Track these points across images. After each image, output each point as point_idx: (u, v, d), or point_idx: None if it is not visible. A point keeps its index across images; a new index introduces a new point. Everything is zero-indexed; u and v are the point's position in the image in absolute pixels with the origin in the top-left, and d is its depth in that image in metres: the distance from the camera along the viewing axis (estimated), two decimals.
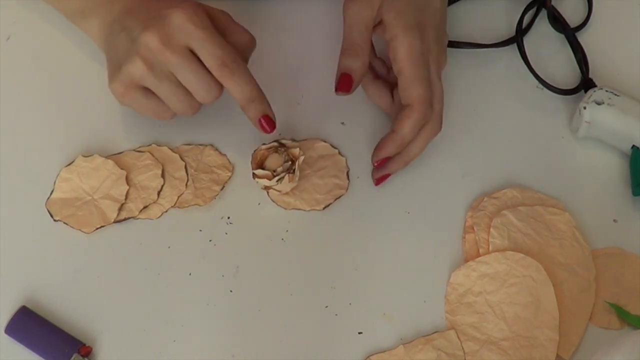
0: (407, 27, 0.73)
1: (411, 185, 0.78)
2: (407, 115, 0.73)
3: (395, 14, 0.73)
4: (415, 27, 0.73)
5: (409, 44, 0.73)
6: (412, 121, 0.73)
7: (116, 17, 0.74)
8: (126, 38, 0.72)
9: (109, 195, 0.76)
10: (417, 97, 0.73)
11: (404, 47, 0.73)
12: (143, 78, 0.71)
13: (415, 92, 0.73)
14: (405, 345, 0.71)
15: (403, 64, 0.73)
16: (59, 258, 0.74)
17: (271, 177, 0.74)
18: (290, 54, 0.82)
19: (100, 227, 0.75)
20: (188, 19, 0.70)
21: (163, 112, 0.74)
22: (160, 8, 0.71)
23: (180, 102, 0.72)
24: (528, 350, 0.71)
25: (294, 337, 0.72)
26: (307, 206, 0.76)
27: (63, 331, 0.70)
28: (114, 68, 0.73)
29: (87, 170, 0.76)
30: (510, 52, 0.84)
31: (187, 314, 0.72)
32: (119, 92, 0.72)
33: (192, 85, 0.71)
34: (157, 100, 0.73)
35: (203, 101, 0.72)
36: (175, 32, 0.70)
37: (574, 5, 0.88)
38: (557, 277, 0.74)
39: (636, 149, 0.78)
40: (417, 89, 0.73)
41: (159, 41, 0.69)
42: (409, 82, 0.73)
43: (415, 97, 0.73)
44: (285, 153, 0.75)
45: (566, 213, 0.77)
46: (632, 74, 0.84)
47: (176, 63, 0.70)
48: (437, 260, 0.75)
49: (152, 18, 0.71)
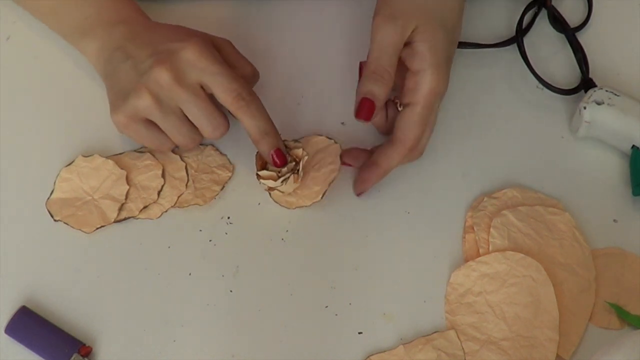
0: (438, 66, 0.72)
1: (411, 185, 0.78)
2: (397, 152, 0.74)
3: (429, 47, 0.71)
4: (444, 66, 0.72)
5: (435, 85, 0.72)
6: (399, 157, 0.74)
7: (119, 43, 0.73)
8: (132, 68, 0.71)
9: (109, 195, 0.76)
10: (413, 138, 0.73)
11: (428, 87, 0.72)
12: (149, 112, 0.70)
13: (413, 133, 0.73)
14: (405, 345, 0.71)
15: (418, 102, 0.72)
16: (59, 258, 0.74)
17: (276, 178, 0.74)
18: (290, 54, 0.82)
19: (101, 227, 0.75)
20: (200, 54, 0.69)
21: (163, 144, 0.74)
22: (167, 38, 0.71)
23: (184, 136, 0.72)
24: (528, 350, 0.71)
25: (294, 337, 0.72)
26: (308, 201, 0.76)
27: (63, 331, 0.70)
28: (117, 98, 0.72)
29: (87, 171, 0.76)
30: (510, 52, 0.84)
31: (187, 314, 0.72)
32: (121, 123, 0.72)
33: (199, 121, 0.71)
34: (159, 132, 0.72)
35: (209, 137, 0.72)
36: (187, 68, 0.69)
37: (574, 5, 0.88)
38: (557, 277, 0.74)
39: (636, 149, 0.78)
40: (416, 130, 0.73)
41: (171, 77, 0.69)
42: (414, 121, 0.72)
43: (411, 137, 0.73)
44: (288, 154, 0.75)
45: (566, 213, 0.77)
46: (632, 74, 0.84)
47: (186, 99, 0.70)
48: (437, 260, 0.75)
49: (162, 52, 0.70)
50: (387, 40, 0.71)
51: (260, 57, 0.81)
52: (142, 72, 0.70)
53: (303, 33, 0.84)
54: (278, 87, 0.80)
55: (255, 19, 0.84)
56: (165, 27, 0.76)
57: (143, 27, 0.74)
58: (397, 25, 0.71)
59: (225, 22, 0.84)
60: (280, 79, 0.82)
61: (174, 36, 0.72)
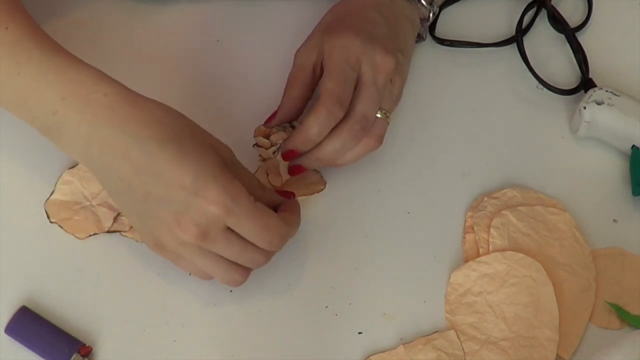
0: (333, 31, 0.73)
1: (411, 185, 0.78)
2: (314, 110, 0.71)
3: (328, 38, 0.73)
4: (343, 30, 0.73)
5: (333, 42, 0.72)
6: (316, 116, 0.70)
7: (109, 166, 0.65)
8: (155, 212, 0.64)
9: (107, 203, 0.75)
10: (326, 91, 0.71)
11: (328, 45, 0.73)
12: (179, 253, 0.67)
13: (324, 85, 0.71)
14: (405, 345, 0.71)
15: (325, 63, 0.72)
16: (59, 258, 0.74)
17: (269, 146, 0.73)
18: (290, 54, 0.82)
19: (94, 234, 0.74)
20: (227, 211, 0.63)
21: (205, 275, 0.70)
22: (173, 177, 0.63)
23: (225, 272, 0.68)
24: (528, 350, 0.71)
25: (294, 337, 0.72)
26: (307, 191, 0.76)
27: (63, 331, 0.70)
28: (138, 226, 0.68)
29: (89, 175, 0.76)
30: (510, 52, 0.85)
31: (187, 314, 0.72)
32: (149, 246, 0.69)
33: (241, 257, 0.67)
34: None
35: (254, 266, 0.69)
36: (213, 226, 0.64)
37: (574, 5, 0.88)
38: (557, 277, 0.74)
39: (636, 149, 0.78)
40: (328, 82, 0.71)
41: (198, 237, 0.64)
42: (324, 75, 0.72)
43: (323, 89, 0.71)
44: (290, 129, 0.74)
45: (566, 213, 0.77)
46: (632, 74, 0.84)
47: (220, 248, 0.66)
48: (437, 260, 0.75)
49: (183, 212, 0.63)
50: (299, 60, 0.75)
51: (260, 57, 0.81)
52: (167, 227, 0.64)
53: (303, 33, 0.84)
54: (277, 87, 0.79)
55: (255, 19, 0.84)
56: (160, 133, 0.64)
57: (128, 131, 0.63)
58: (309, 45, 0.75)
59: (225, 22, 0.84)
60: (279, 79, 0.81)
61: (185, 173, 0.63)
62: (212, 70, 0.81)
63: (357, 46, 0.72)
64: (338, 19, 0.76)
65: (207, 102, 0.80)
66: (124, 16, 0.83)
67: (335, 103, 0.70)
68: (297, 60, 0.75)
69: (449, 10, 0.85)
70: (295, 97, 0.74)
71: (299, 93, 0.74)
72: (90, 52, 0.80)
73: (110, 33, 0.82)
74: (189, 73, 0.81)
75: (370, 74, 0.72)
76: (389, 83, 0.74)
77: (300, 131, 0.71)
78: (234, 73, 0.82)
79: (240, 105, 0.80)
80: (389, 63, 0.73)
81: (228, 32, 0.84)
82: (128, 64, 0.80)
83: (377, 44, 0.73)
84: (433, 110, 0.79)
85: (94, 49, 0.78)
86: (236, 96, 0.81)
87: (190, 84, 0.81)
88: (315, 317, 0.73)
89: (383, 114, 0.74)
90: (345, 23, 0.75)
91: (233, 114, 0.79)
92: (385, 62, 0.73)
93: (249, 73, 0.82)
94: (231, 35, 0.83)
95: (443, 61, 0.83)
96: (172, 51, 0.82)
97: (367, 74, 0.72)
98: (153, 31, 0.83)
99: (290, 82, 0.75)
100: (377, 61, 0.73)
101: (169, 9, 0.84)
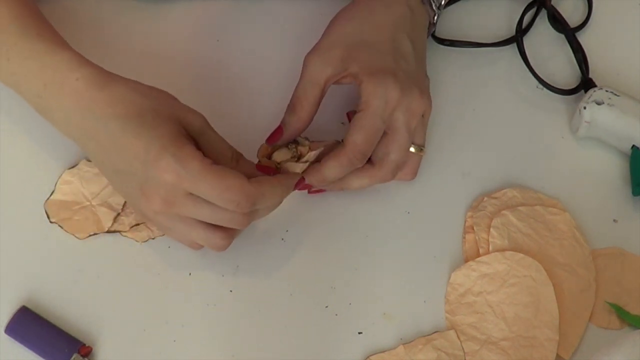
0: (371, 74, 0.71)
1: (411, 185, 0.78)
2: (335, 156, 0.71)
3: (359, 64, 0.71)
4: (381, 72, 0.71)
5: (371, 89, 0.70)
6: (338, 163, 0.71)
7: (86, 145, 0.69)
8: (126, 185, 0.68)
9: (107, 203, 0.75)
10: (353, 143, 0.70)
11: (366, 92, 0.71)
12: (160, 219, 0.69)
13: (352, 135, 0.71)
14: (405, 345, 0.71)
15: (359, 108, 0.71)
16: (59, 258, 0.74)
17: (273, 166, 0.73)
18: (290, 54, 0.82)
19: (94, 234, 0.75)
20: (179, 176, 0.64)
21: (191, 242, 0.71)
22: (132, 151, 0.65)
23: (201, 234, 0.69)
24: (528, 350, 0.71)
25: (294, 337, 0.72)
26: None
27: (63, 331, 0.70)
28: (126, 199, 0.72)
29: (89, 175, 0.76)
30: (510, 52, 0.85)
31: (187, 314, 0.72)
32: None
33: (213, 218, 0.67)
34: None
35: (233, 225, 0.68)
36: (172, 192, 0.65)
37: (574, 5, 0.88)
38: (557, 277, 0.74)
39: (636, 149, 0.78)
40: (356, 134, 0.71)
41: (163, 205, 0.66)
42: (352, 126, 0.71)
43: (350, 140, 0.71)
44: (295, 148, 0.74)
45: (566, 213, 0.77)
46: (632, 74, 0.84)
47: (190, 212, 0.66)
48: (437, 260, 0.75)
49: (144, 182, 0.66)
50: (311, 73, 0.72)
51: (259, 57, 0.81)
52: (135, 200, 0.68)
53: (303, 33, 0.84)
54: (277, 87, 0.79)
55: (255, 19, 0.84)
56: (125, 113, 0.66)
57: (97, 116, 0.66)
58: (324, 57, 0.72)
59: (225, 22, 0.84)
60: (279, 79, 0.82)
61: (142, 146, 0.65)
62: (212, 70, 0.81)
63: (396, 96, 0.71)
64: (365, 43, 0.73)
65: (206, 101, 0.80)
66: (124, 16, 0.83)
67: (358, 156, 0.71)
68: (309, 72, 0.72)
69: (449, 10, 0.85)
70: (302, 117, 0.72)
71: (307, 112, 0.72)
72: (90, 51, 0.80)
73: (110, 32, 0.82)
74: (189, 73, 0.81)
75: (403, 119, 0.72)
76: (420, 119, 0.73)
77: (319, 170, 0.72)
78: (234, 73, 0.82)
79: (240, 105, 0.80)
80: (424, 106, 0.73)
81: (228, 32, 0.84)
82: (128, 63, 0.80)
83: (414, 87, 0.72)
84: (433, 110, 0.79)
85: (94, 49, 0.78)
86: (236, 96, 0.81)
87: (190, 84, 0.81)
88: (315, 317, 0.73)
89: (417, 149, 0.74)
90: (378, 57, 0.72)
91: (233, 114, 0.79)
92: (420, 106, 0.72)
93: (249, 73, 0.82)
94: (231, 35, 0.83)
95: (443, 61, 0.83)
96: (172, 51, 0.82)
97: (399, 120, 0.71)
98: (153, 31, 0.83)
99: (299, 100, 0.72)
100: (412, 107, 0.72)
101: (169, 8, 0.84)
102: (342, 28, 0.74)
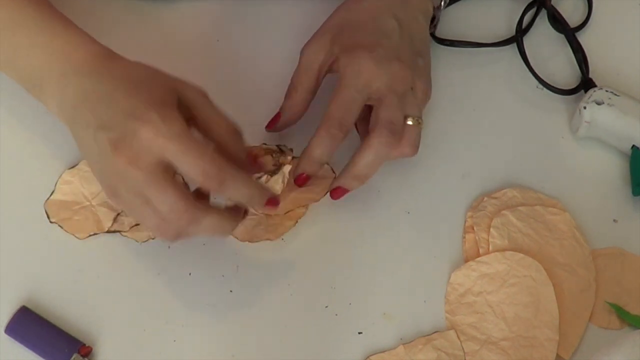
0: (346, 50, 0.73)
1: (411, 185, 0.78)
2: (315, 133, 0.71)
3: (340, 46, 0.73)
4: (357, 48, 0.72)
5: (345, 63, 0.72)
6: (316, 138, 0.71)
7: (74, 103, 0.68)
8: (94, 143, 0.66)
9: (107, 203, 0.75)
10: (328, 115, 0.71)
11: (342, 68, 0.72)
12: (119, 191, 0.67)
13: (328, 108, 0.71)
14: (405, 345, 0.71)
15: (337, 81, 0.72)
16: (59, 258, 0.74)
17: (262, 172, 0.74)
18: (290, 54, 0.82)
19: (94, 234, 0.75)
20: (157, 132, 0.63)
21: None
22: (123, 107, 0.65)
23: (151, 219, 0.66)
24: (528, 350, 0.71)
25: (294, 337, 0.72)
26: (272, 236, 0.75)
27: (63, 331, 0.70)
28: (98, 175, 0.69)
29: (89, 175, 0.76)
30: (510, 52, 0.85)
31: (187, 314, 0.72)
32: None
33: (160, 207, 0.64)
34: None
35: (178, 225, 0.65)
36: (144, 151, 0.63)
37: (574, 5, 0.88)
38: (557, 277, 0.74)
39: (636, 149, 0.78)
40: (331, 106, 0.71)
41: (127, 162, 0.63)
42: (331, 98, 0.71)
43: (326, 114, 0.71)
44: (278, 158, 0.74)
45: (566, 213, 0.77)
46: (632, 74, 0.84)
47: (143, 181, 0.64)
48: (437, 260, 0.75)
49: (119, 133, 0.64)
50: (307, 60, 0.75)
51: (259, 58, 0.81)
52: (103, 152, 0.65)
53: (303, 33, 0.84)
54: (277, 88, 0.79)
55: (255, 19, 0.84)
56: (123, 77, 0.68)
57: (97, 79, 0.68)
58: (318, 44, 0.75)
59: (225, 22, 0.84)
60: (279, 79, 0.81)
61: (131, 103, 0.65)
62: (212, 70, 0.81)
63: (369, 67, 0.71)
64: (350, 25, 0.75)
65: None
66: (124, 16, 0.83)
67: (335, 125, 0.71)
68: (303, 60, 0.75)
69: (449, 10, 0.85)
70: (297, 102, 0.75)
71: (302, 97, 0.75)
72: None
73: (110, 32, 0.82)
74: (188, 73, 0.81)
75: (385, 83, 0.72)
76: (409, 90, 0.73)
77: (305, 155, 0.72)
78: (234, 73, 0.82)
79: (240, 105, 0.80)
80: (408, 77, 0.73)
81: (228, 32, 0.84)
82: None
83: (393, 59, 0.73)
84: (433, 110, 0.79)
85: None
86: (236, 96, 0.81)
87: None
88: (315, 317, 0.73)
89: (414, 121, 0.73)
90: (359, 35, 0.74)
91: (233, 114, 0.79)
92: (404, 77, 0.73)
93: (249, 73, 0.82)
94: (231, 35, 0.83)
95: (443, 61, 0.83)
96: (171, 51, 0.82)
97: (379, 86, 0.72)
98: (153, 31, 0.83)
99: (294, 85, 0.75)
100: (393, 76, 0.72)
101: (169, 9, 0.84)
102: (335, 15, 0.77)
